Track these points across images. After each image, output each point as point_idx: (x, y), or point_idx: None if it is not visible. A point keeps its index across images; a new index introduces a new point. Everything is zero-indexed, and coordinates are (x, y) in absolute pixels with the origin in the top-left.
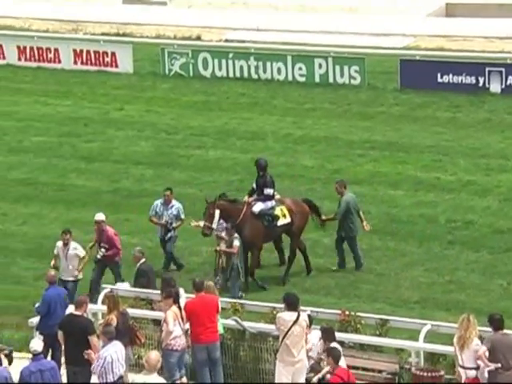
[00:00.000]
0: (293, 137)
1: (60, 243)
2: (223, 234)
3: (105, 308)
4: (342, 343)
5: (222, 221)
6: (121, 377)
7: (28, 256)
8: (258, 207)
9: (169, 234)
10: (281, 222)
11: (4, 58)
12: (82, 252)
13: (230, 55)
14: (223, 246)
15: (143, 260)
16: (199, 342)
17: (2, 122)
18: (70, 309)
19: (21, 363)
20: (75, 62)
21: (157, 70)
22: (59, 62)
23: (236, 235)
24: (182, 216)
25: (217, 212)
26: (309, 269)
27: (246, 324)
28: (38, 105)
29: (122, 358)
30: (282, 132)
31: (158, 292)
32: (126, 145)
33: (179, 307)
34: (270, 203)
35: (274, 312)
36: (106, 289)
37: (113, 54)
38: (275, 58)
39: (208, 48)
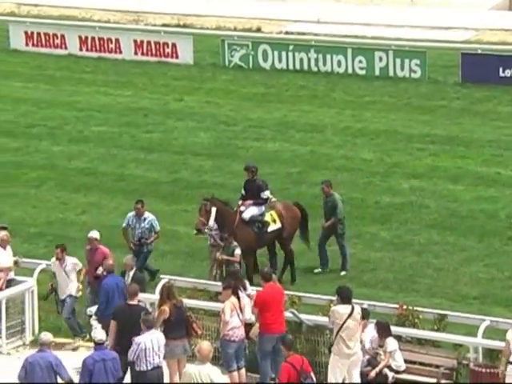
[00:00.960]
0: (352, 130)
1: (54, 260)
2: (219, 241)
3: None
4: (399, 337)
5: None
6: (157, 367)
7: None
8: (249, 213)
9: (144, 249)
10: (271, 228)
11: (66, 48)
12: (79, 264)
13: (290, 47)
14: (223, 255)
15: (135, 269)
16: (270, 332)
17: (63, 112)
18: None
19: (80, 351)
20: (136, 53)
21: (217, 62)
22: (120, 52)
23: (235, 243)
24: (157, 229)
25: (213, 209)
26: (293, 276)
27: (303, 316)
28: (99, 95)
29: (159, 347)
30: (341, 125)
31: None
32: (185, 136)
33: (238, 298)
34: (262, 208)
35: (331, 305)
36: (164, 279)
37: (173, 44)
38: (335, 51)
39: (268, 40)
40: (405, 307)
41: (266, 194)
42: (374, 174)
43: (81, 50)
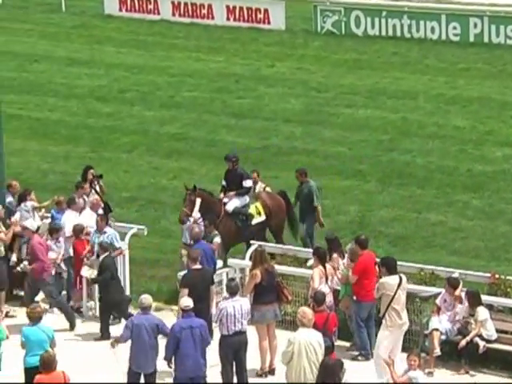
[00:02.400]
0: (445, 97)
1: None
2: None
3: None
4: (490, 307)
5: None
6: (240, 332)
7: (178, 210)
8: (232, 205)
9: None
10: (255, 221)
11: (159, 13)
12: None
13: (383, 13)
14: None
15: (107, 253)
16: (367, 300)
17: (155, 77)
18: None
19: (167, 315)
20: (228, 19)
21: (309, 28)
22: (212, 18)
23: (216, 232)
24: (117, 244)
25: (198, 200)
26: None
27: None
28: (191, 60)
29: (243, 314)
30: (433, 92)
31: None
32: (276, 102)
33: (324, 266)
34: (246, 198)
35: (422, 273)
36: (255, 244)
37: (265, 10)
38: (429, 17)
39: (361, 6)
40: (497, 276)
41: (248, 182)
42: (466, 142)
43: (173, 15)
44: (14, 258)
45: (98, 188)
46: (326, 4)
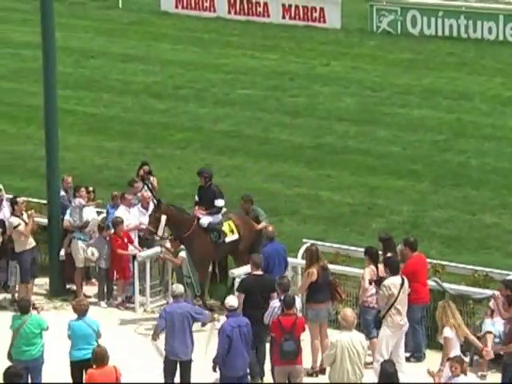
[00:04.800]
0: (501, 98)
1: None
2: (168, 245)
3: (304, 262)
4: None
5: None
6: None
7: (232, 208)
8: (206, 220)
9: None
10: (229, 239)
11: (215, 10)
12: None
13: (440, 13)
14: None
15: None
16: (418, 302)
17: (210, 75)
18: None
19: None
20: (283, 17)
21: (364, 27)
22: (268, 16)
23: (182, 246)
24: None
25: (163, 217)
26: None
27: (446, 286)
28: (246, 58)
29: (271, 312)
30: (489, 93)
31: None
32: (330, 101)
33: (376, 266)
34: (218, 216)
35: (475, 275)
36: (307, 243)
37: (321, 9)
38: (486, 18)
39: (417, 6)
40: None
41: (220, 202)
42: None
43: (229, 13)
44: (62, 252)
45: (150, 184)
46: (383, 3)
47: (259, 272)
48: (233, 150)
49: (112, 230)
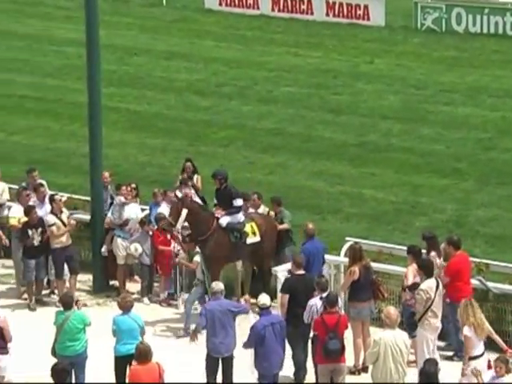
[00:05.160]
0: None
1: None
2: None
3: (347, 260)
4: None
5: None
6: None
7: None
8: (225, 220)
9: None
10: (250, 240)
11: (258, 8)
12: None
13: (486, 11)
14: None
15: None
16: (461, 300)
17: (253, 72)
18: None
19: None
20: (327, 14)
21: (409, 24)
22: (312, 13)
23: (198, 250)
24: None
25: (184, 211)
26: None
27: (490, 284)
28: (289, 56)
29: (308, 310)
30: None
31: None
32: (374, 98)
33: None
34: (238, 216)
35: None
36: (350, 241)
37: (365, 6)
38: None
39: (463, 3)
40: None
41: (239, 202)
42: None
43: (273, 10)
44: (103, 249)
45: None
46: (427, 1)
47: (301, 271)
48: (276, 148)
49: (155, 226)
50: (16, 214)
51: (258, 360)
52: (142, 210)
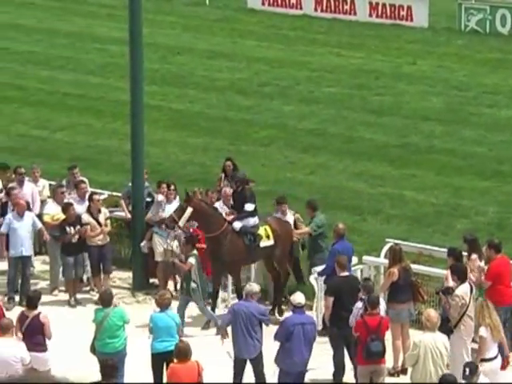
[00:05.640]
0: None
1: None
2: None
3: (387, 261)
4: None
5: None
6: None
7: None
8: (238, 225)
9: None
10: (263, 244)
11: (301, 8)
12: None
13: None
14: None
15: None
16: (503, 305)
17: (295, 72)
18: None
19: None
20: (370, 15)
21: (452, 26)
22: (354, 14)
23: (194, 252)
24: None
25: (189, 209)
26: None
27: None
28: (331, 56)
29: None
30: None
31: None
32: (416, 100)
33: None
34: (252, 220)
35: None
36: (390, 242)
37: (408, 7)
38: None
39: (507, 4)
40: None
41: (250, 207)
42: None
43: (315, 10)
44: (142, 243)
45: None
46: (472, 2)
47: (345, 273)
48: (317, 148)
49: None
50: (50, 211)
51: (282, 356)
52: None
